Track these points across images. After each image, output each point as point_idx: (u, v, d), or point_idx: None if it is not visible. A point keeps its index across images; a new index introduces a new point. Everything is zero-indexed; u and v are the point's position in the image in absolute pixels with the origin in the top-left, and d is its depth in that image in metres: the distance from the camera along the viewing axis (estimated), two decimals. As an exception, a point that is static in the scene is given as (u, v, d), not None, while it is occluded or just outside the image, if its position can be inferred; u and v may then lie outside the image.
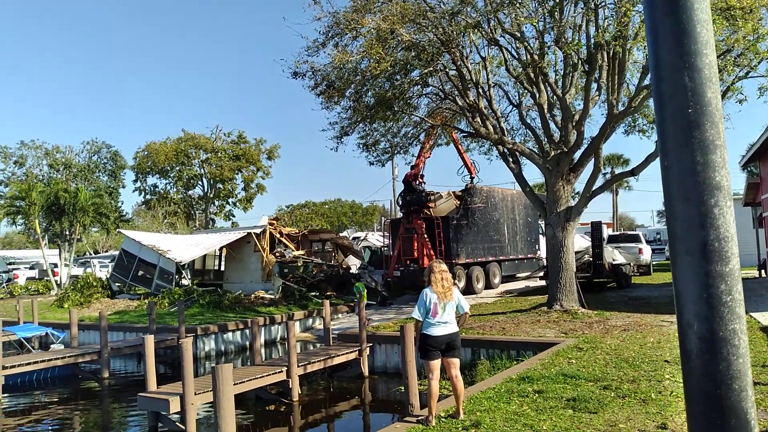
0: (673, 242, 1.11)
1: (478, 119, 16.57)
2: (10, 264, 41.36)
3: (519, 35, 14.64)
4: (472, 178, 24.03)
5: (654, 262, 29.15)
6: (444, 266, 7.06)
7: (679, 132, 1.10)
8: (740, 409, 1.05)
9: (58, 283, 31.99)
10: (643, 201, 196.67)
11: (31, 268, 39.48)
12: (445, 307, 6.76)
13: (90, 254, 52.09)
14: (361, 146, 19.59)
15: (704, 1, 1.07)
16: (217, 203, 51.76)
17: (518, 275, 26.80)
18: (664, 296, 17.66)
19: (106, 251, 53.88)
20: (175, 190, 50.78)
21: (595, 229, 20.99)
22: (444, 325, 6.76)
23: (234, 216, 52.98)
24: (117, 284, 25.45)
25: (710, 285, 1.07)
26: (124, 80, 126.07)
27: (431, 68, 15.87)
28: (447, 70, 16.60)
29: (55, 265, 34.41)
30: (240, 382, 10.46)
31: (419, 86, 17.70)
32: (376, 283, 22.36)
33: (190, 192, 51.43)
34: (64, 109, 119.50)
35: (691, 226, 1.09)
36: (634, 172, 15.94)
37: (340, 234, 29.13)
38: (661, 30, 1.10)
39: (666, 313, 14.30)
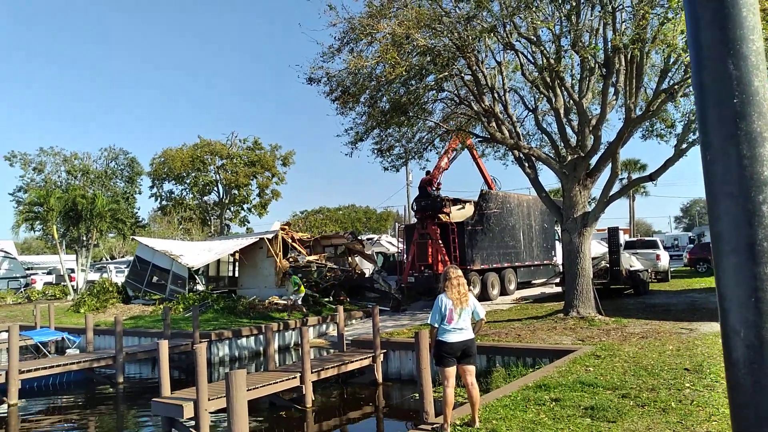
0: (716, 242, 1.02)
1: (494, 124, 16.46)
2: (28, 269, 41.83)
3: (535, 39, 14.54)
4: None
5: (672, 269, 28.77)
6: (459, 272, 6.97)
7: (723, 124, 1.01)
8: (794, 424, 0.96)
9: (75, 288, 32.29)
10: (661, 207, 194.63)
11: (49, 273, 39.92)
12: (461, 313, 6.67)
13: (106, 259, 52.57)
14: (375, 152, 19.55)
15: (750, -17, 0.99)
16: (232, 209, 52.03)
17: (534, 281, 26.55)
18: (683, 303, 17.38)
19: (123, 257, 54.34)
20: (190, 196, 51.15)
21: (612, 234, 20.74)
22: (459, 332, 6.67)
23: (249, 222, 53.23)
24: (132, 290, 25.64)
25: (759, 288, 0.97)
26: (142, 88, 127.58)
27: (446, 73, 15.80)
28: (462, 74, 16.51)
29: (72, 271, 34.76)
30: (253, 388, 10.43)
31: (434, 91, 17.61)
32: (389, 286, 22.25)
33: (205, 198, 51.78)
34: (82, 118, 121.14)
35: (738, 225, 1.00)
36: (652, 177, 15.73)
37: (359, 237, 28.97)
38: (703, 15, 1.02)
39: (685, 321, 14.06)
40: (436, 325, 6.71)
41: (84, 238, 33.54)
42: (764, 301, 0.98)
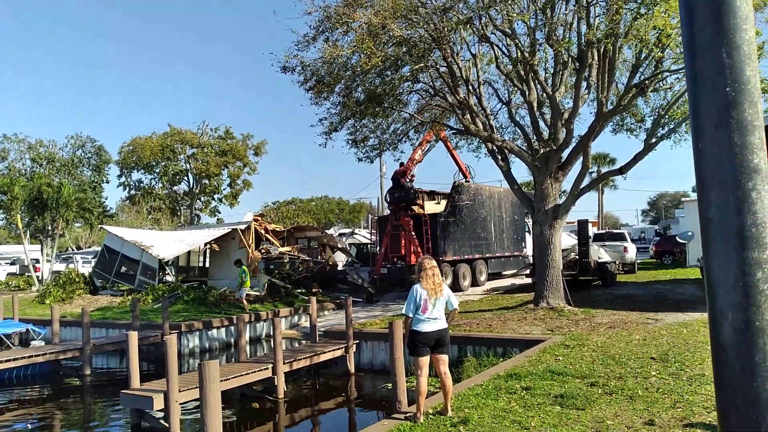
0: (706, 228, 1.05)
1: (468, 116, 16.54)
2: (-10, 259, 40.71)
3: (510, 32, 14.63)
4: (467, 182, 24.16)
5: (639, 261, 29.39)
6: (434, 263, 7.01)
7: (715, 112, 1.03)
8: (778, 404, 0.99)
9: (40, 279, 31.55)
10: (628, 200, 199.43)
11: (12, 263, 38.91)
12: (435, 303, 6.71)
13: (72, 250, 51.46)
14: (350, 142, 19.50)
15: (743, -28, 1.02)
16: (202, 199, 51.39)
17: (504, 273, 26.86)
18: (649, 294, 17.79)
19: (89, 247, 53.24)
20: (160, 185, 50.33)
21: (582, 227, 21.09)
22: (434, 322, 6.72)
23: (219, 212, 52.68)
24: (100, 281, 25.15)
25: (746, 272, 1.01)
26: (111, 76, 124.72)
27: (422, 64, 15.80)
28: (437, 66, 16.54)
29: (37, 261, 33.94)
30: (225, 379, 10.34)
31: (409, 82, 17.62)
32: (362, 280, 22.28)
33: (175, 187, 51.01)
34: (48, 104, 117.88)
35: (727, 212, 1.03)
36: (622, 171, 16.02)
37: (326, 231, 28.92)
38: (697, 4, 1.05)
39: (651, 311, 14.40)
40: (411, 315, 6.75)
41: (49, 228, 32.74)
42: (751, 285, 1.02)
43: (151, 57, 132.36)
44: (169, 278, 25.73)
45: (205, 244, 24.89)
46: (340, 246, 27.17)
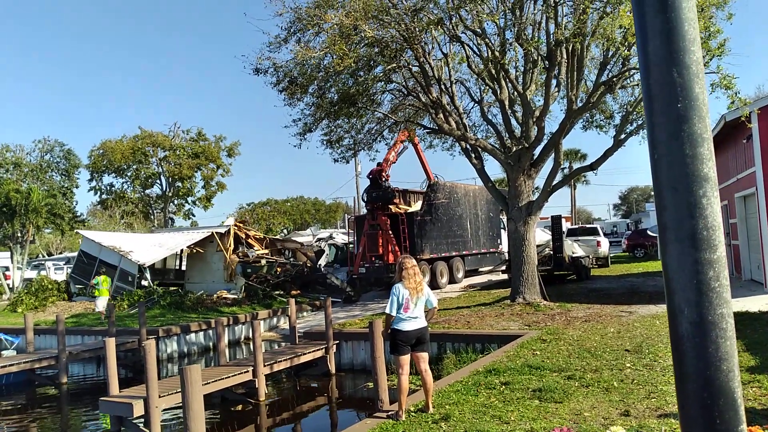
0: (663, 231, 1.17)
1: (441, 115, 16.68)
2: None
3: (480, 32, 14.80)
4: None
5: (611, 255, 29.94)
6: (414, 261, 7.11)
7: (669, 125, 1.15)
8: (728, 389, 1.11)
9: (11, 286, 30.93)
10: (600, 195, 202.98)
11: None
12: (417, 302, 6.82)
13: (43, 256, 50.47)
14: (324, 143, 19.51)
15: (691, 0, 1.13)
16: (176, 202, 50.82)
17: (481, 269, 27.12)
18: (623, 288, 18.15)
19: (60, 253, 52.28)
20: (132, 189, 49.64)
21: (555, 222, 21.41)
22: (414, 320, 6.82)
23: (194, 215, 52.17)
24: (77, 286, 24.75)
25: (699, 272, 1.13)
26: (79, 77, 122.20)
27: (394, 64, 15.90)
28: (410, 66, 16.65)
29: (7, 269, 33.27)
30: (206, 383, 10.32)
31: (383, 82, 17.71)
32: (341, 282, 22.30)
33: (147, 191, 50.36)
34: (13, 107, 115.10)
35: (681, 216, 1.14)
36: (593, 167, 16.32)
37: (303, 244, 28.71)
38: (650, 28, 1.15)
39: (624, 304, 14.71)
40: (393, 314, 6.83)
41: (19, 235, 32.12)
42: (704, 283, 1.13)
43: (117, 58, 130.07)
44: (145, 282, 25.44)
45: (187, 248, 24.62)
46: (310, 254, 26.96)
